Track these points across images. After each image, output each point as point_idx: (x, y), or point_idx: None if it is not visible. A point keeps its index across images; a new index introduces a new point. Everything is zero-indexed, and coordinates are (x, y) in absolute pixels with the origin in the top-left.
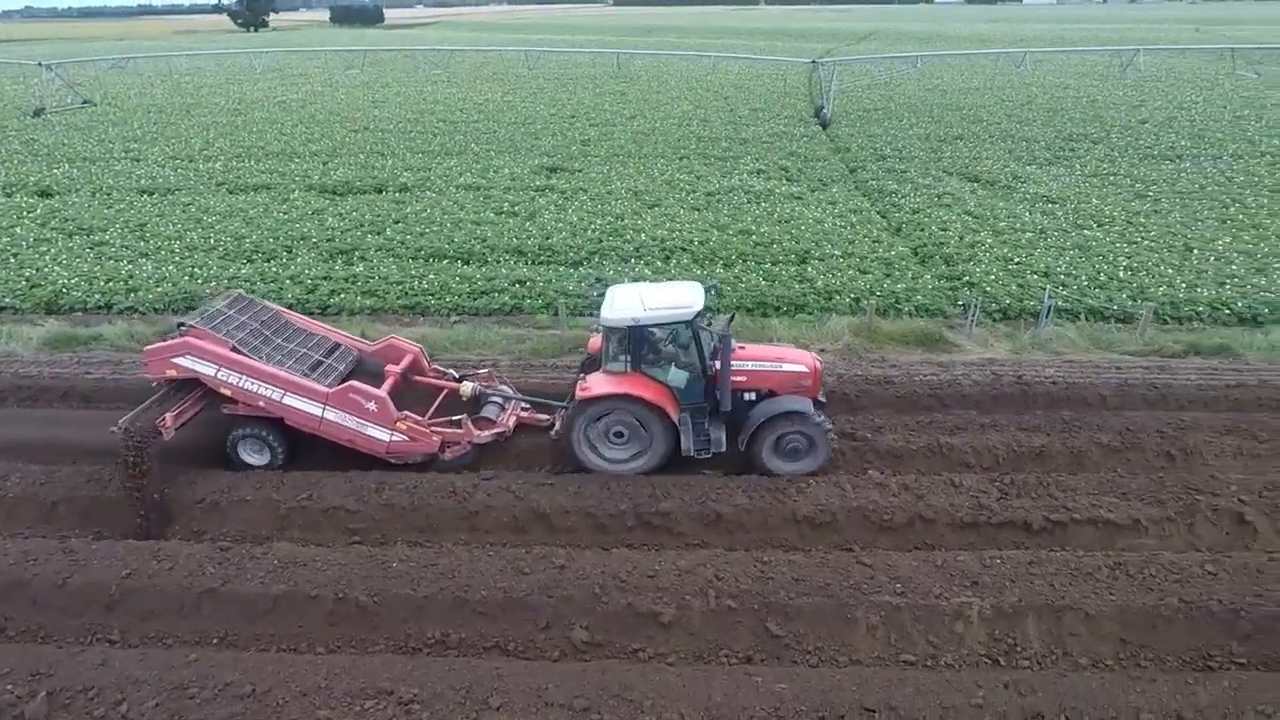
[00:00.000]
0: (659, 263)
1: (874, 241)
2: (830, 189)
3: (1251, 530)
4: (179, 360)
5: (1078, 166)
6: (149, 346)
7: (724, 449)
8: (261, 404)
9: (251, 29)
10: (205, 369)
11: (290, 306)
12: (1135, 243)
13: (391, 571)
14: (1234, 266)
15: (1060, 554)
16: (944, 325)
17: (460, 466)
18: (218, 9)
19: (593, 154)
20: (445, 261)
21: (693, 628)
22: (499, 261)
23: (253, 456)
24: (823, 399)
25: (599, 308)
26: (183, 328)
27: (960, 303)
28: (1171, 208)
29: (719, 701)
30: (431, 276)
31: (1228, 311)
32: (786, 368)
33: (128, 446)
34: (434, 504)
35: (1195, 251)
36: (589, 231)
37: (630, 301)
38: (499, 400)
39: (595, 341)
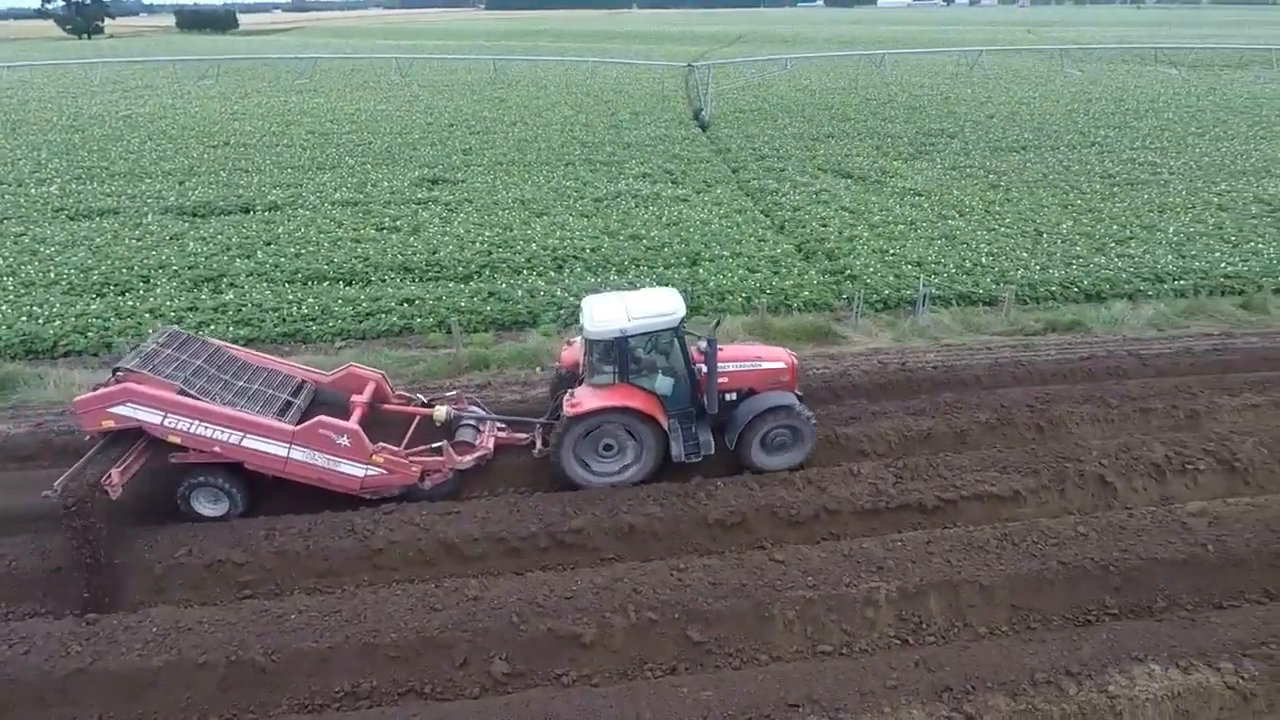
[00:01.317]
0: (552, 272)
1: (760, 240)
2: (715, 190)
3: (1113, 490)
4: (118, 410)
5: (938, 160)
6: (80, 397)
7: (713, 451)
8: (217, 449)
9: (84, 36)
10: (150, 416)
11: None
12: (993, 230)
13: (290, 624)
14: (1078, 248)
15: (953, 531)
16: (832, 319)
17: (440, 496)
18: (41, 14)
19: (475, 163)
20: (325, 283)
21: (615, 645)
22: (384, 280)
23: (208, 507)
24: (799, 393)
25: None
26: (119, 373)
27: (844, 296)
28: (1021, 196)
29: (648, 718)
30: (311, 300)
31: (1076, 289)
32: (765, 365)
33: (69, 510)
34: (332, 545)
35: (1044, 236)
36: (477, 244)
37: (613, 312)
38: (473, 423)
39: (568, 355)
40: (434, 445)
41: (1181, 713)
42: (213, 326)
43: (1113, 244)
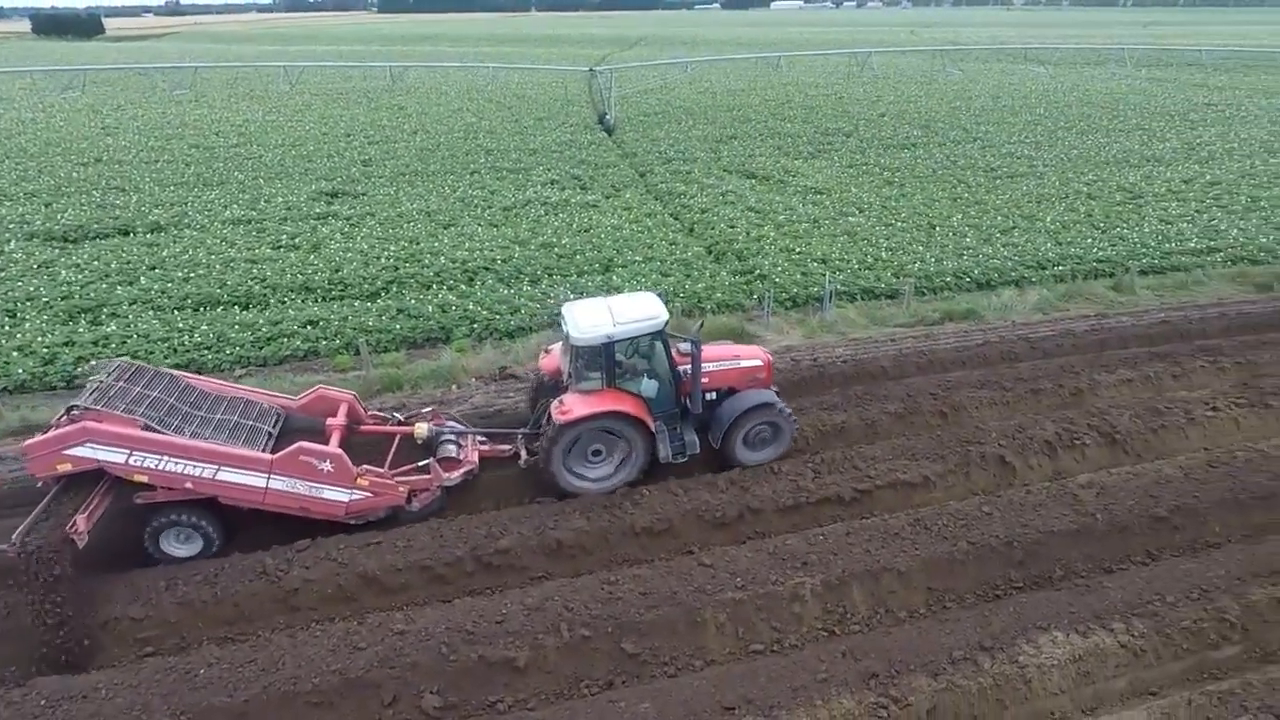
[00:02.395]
0: (463, 285)
1: (671, 244)
2: (623, 194)
3: (1012, 469)
4: (75, 451)
5: (836, 159)
6: (31, 441)
7: (699, 451)
8: (189, 485)
9: None
10: (113, 456)
11: (22, 383)
12: (890, 225)
13: (200, 680)
14: (968, 240)
15: (870, 520)
16: (744, 319)
17: (427, 515)
18: None
19: (376, 174)
20: (219, 309)
21: (549, 666)
22: (284, 302)
23: (180, 547)
24: (776, 389)
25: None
26: (74, 411)
27: (755, 296)
28: (914, 191)
29: None
30: (205, 327)
31: (968, 279)
32: (744, 364)
33: (31, 564)
34: (242, 590)
35: (937, 229)
36: (382, 259)
37: (598, 318)
38: (453, 438)
39: (547, 363)
40: (420, 464)
41: (1083, 674)
42: (95, 362)
43: (998, 234)
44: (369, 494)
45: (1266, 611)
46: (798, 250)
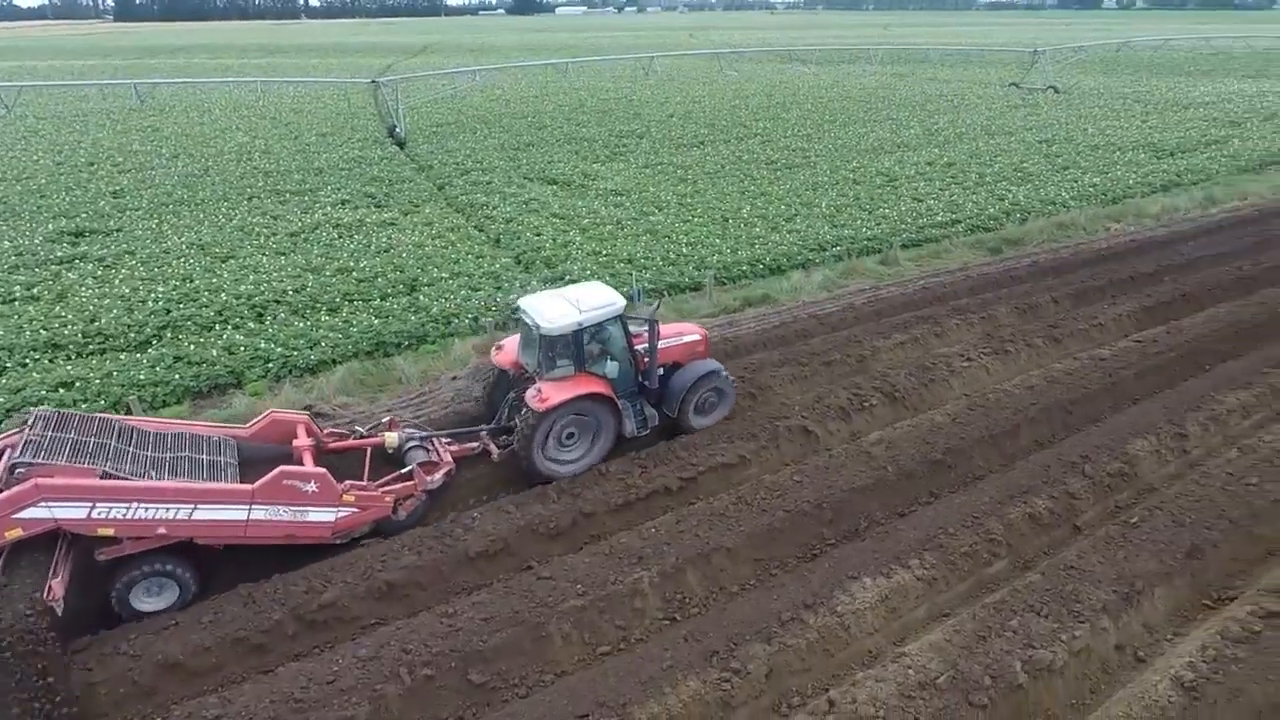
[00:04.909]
0: (251, 323)
1: (478, 257)
2: (423, 210)
3: (815, 438)
4: (28, 514)
5: (632, 160)
6: None
7: (659, 423)
8: (161, 530)
9: None
10: (72, 513)
11: None
12: (689, 221)
13: None
14: (757, 229)
15: (697, 505)
16: None
17: (412, 524)
18: None
19: (131, 207)
20: None
21: (394, 716)
22: (25, 365)
23: (152, 600)
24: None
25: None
26: (20, 470)
27: None
28: (706, 187)
29: None
30: None
31: (762, 266)
32: (686, 339)
33: (10, 638)
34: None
35: (730, 222)
36: (149, 303)
37: (562, 308)
38: (419, 443)
39: (503, 357)
40: (403, 471)
41: (891, 610)
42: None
43: (783, 222)
44: (356, 510)
45: (1022, 526)
46: (604, 253)
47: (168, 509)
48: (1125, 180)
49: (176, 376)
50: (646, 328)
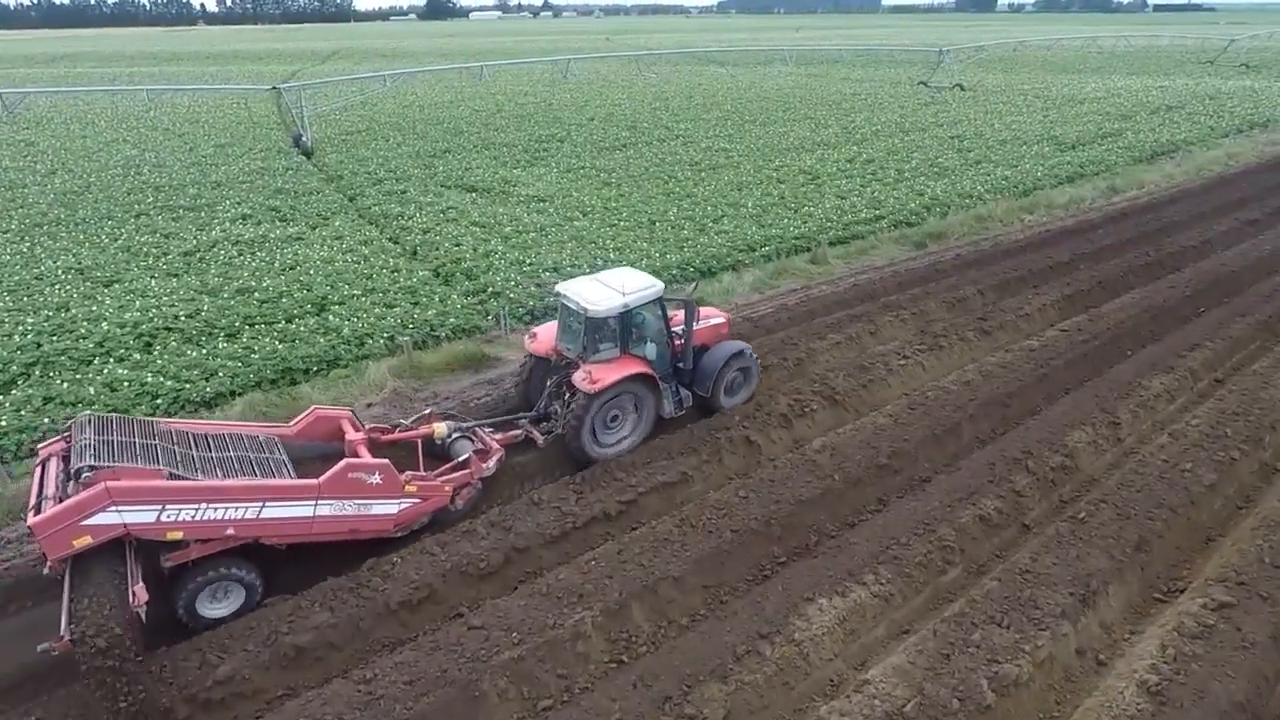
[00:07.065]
0: (138, 354)
1: (393, 271)
2: (332, 223)
3: (758, 448)
4: (96, 520)
5: (553, 165)
6: (39, 518)
7: (693, 403)
8: (230, 531)
9: None
10: (141, 516)
11: None
12: (614, 225)
13: None
14: (685, 231)
15: (639, 531)
16: (483, 342)
17: (467, 513)
18: None
19: None
20: None
21: None
22: None
23: (219, 606)
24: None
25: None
26: (86, 473)
27: (491, 315)
28: (631, 190)
29: None
30: None
31: (691, 269)
32: (713, 322)
33: (97, 651)
34: None
35: (656, 224)
36: (16, 336)
37: (604, 292)
38: (463, 433)
39: (539, 345)
40: (459, 459)
41: (849, 633)
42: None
43: (710, 223)
44: (417, 500)
45: (973, 529)
46: (528, 261)
47: (236, 508)
48: (1034, 172)
49: (46, 420)
50: (683, 310)
